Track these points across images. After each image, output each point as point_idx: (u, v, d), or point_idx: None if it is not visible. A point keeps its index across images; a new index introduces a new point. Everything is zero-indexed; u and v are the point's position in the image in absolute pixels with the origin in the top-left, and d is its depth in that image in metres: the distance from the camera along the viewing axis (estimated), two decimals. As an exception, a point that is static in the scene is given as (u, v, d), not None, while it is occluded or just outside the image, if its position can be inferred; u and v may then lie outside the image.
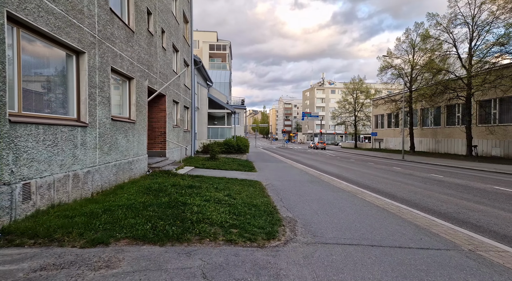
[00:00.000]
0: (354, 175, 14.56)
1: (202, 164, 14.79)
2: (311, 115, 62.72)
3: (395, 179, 13.19)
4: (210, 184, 8.79)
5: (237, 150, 21.02)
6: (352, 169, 17.87)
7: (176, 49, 15.82)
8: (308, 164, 20.86)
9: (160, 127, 13.38)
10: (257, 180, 11.16)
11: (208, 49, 47.57)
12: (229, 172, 13.20)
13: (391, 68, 34.44)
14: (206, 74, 25.94)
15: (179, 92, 16.34)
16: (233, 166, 15.46)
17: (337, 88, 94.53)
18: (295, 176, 12.96)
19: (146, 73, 10.48)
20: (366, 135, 79.29)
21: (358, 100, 54.47)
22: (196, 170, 12.81)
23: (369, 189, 10.50)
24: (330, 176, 13.28)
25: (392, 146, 42.65)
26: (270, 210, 6.25)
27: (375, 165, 20.55)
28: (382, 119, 46.33)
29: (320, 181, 11.50)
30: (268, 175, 13.01)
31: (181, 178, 9.63)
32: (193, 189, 7.44)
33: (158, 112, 13.35)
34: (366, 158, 29.45)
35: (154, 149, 13.36)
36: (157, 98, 13.27)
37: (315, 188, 9.85)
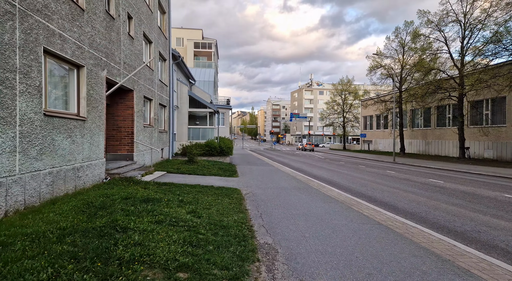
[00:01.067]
0: (346, 180, 13.23)
1: (176, 169, 13.16)
2: (299, 117, 61.68)
3: (392, 185, 11.91)
4: (175, 195, 7.22)
5: (219, 152, 19.45)
6: (343, 172, 16.58)
7: (149, 40, 14.16)
8: (295, 167, 19.47)
9: (127, 127, 11.70)
10: (236, 187, 9.65)
11: (193, 47, 45.74)
12: (206, 177, 11.64)
13: (380, 68, 33.57)
14: (188, 72, 24.28)
15: (153, 88, 14.68)
16: (212, 170, 13.91)
17: (325, 89, 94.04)
18: (280, 181, 11.52)
19: (104, 62, 8.82)
20: (355, 137, 78.99)
21: (346, 101, 53.70)
22: (167, 176, 11.18)
23: (365, 198, 9.13)
24: (319, 182, 11.89)
25: (381, 147, 41.90)
26: (243, 233, 4.75)
27: (367, 168, 19.35)
28: (371, 121, 45.59)
29: (309, 188, 10.09)
30: (250, 180, 11.52)
31: (143, 187, 8.03)
32: (149, 204, 5.85)
33: (125, 110, 11.68)
34: (356, 160, 28.36)
35: (120, 151, 11.67)
36: (123, 94, 11.60)
37: (303, 197, 8.42)
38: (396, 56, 32.30)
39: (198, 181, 10.51)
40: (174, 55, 19.03)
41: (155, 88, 15.04)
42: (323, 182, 12.37)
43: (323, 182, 12.32)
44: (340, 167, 20.39)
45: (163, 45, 16.95)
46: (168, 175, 11.63)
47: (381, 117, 42.01)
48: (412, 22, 30.03)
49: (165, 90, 17.43)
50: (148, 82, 13.74)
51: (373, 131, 44.60)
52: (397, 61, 32.43)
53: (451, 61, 25.88)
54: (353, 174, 15.89)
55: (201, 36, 48.69)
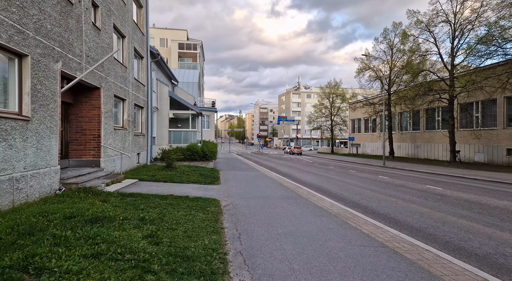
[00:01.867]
0: (337, 187, 12.21)
1: (151, 176, 11.84)
2: (287, 120, 60.94)
3: (388, 192, 10.95)
4: (138, 211, 5.98)
5: (202, 156, 18.18)
6: (334, 178, 15.60)
7: (121, 34, 12.86)
8: (283, 172, 18.40)
9: (93, 129, 10.34)
10: (215, 197, 8.45)
11: (177, 48, 44.27)
12: (182, 186, 10.37)
13: (369, 70, 33.08)
14: (169, 72, 22.96)
15: (127, 87, 13.34)
16: (192, 177, 12.65)
17: (313, 92, 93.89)
18: (266, 189, 10.38)
19: (58, 53, 7.51)
20: (342, 140, 78.91)
21: (334, 104, 53.29)
22: (138, 185, 9.87)
23: (361, 209, 8.10)
24: (309, 189, 10.82)
25: (369, 151, 41.43)
26: (213, 267, 3.57)
27: (357, 173, 18.46)
28: (359, 124, 45.16)
29: (298, 197, 8.99)
30: (232, 189, 10.33)
31: (102, 200, 6.75)
32: (96, 226, 4.60)
33: (90, 110, 10.32)
34: (346, 164, 27.55)
35: (85, 157, 10.29)
36: (89, 92, 10.26)
37: (291, 208, 7.30)
38: (384, 58, 31.87)
39: (172, 190, 9.25)
40: (153, 53, 17.73)
41: (129, 87, 13.71)
42: (313, 189, 11.31)
43: (312, 189, 11.25)
44: (330, 171, 19.45)
45: (140, 42, 15.65)
46: (140, 183, 10.31)
47: (369, 120, 41.60)
48: (400, 23, 29.66)
49: (142, 90, 16.09)
50: (120, 80, 12.42)
51: (361, 134, 44.16)
52: (385, 63, 32.01)
53: (441, 63, 25.50)
54: (344, 179, 14.92)
55: (186, 37, 47.32)
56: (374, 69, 32.76)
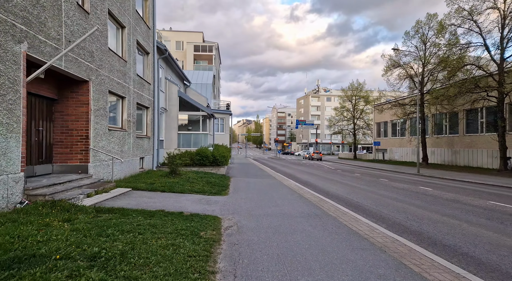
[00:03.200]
0: (371, 201, 10.08)
1: (150, 184, 10.22)
2: (305, 124, 58.49)
3: (441, 210, 8.66)
4: (99, 238, 4.27)
5: (212, 161, 16.48)
6: (364, 188, 13.41)
7: (120, 24, 11.44)
8: (302, 180, 16.37)
9: (80, 129, 8.84)
10: (217, 214, 6.65)
11: (192, 51, 43.33)
12: (182, 197, 8.63)
13: (398, 67, 30.34)
14: (180, 71, 21.59)
15: (126, 83, 11.89)
16: (197, 185, 10.94)
17: (333, 95, 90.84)
18: (283, 202, 8.46)
19: (21, 32, 6.01)
20: (365, 145, 75.42)
21: (357, 106, 50.47)
22: (128, 195, 8.21)
23: (414, 236, 6.02)
24: (336, 204, 8.79)
25: (397, 157, 38.32)
26: None
27: (391, 183, 16.10)
28: (386, 127, 42.13)
29: (323, 215, 7.02)
30: (241, 201, 8.49)
31: (67, 218, 5.17)
32: (2, 275, 2.88)
33: (77, 107, 8.84)
34: (373, 171, 25.04)
35: (71, 162, 8.79)
36: (75, 86, 8.79)
37: (317, 235, 5.36)
38: (416, 54, 29.08)
39: (166, 203, 7.52)
40: (160, 49, 16.34)
41: (129, 84, 12.25)
42: (341, 203, 9.26)
43: (341, 203, 9.21)
44: (357, 180, 17.19)
45: (144, 35, 14.25)
46: (131, 193, 8.66)
47: (397, 123, 38.57)
48: (435, 15, 26.89)
49: (146, 89, 14.66)
50: (117, 75, 10.95)
51: (388, 139, 41.14)
52: (417, 60, 29.21)
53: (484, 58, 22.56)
54: (377, 190, 12.70)
55: (201, 39, 46.40)
56: (404, 67, 30.00)
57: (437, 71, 28.09)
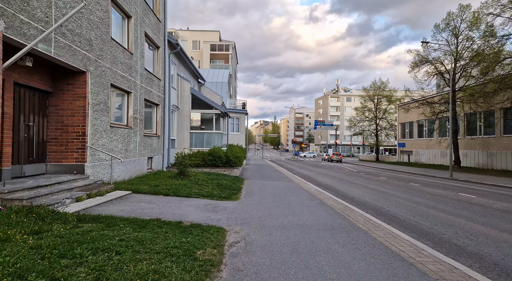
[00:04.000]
0: (405, 210, 8.67)
1: (154, 186, 9.29)
2: (324, 124, 56.62)
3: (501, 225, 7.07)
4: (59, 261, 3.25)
5: (224, 162, 15.46)
6: (393, 194, 11.95)
7: (126, 13, 10.63)
8: (323, 184, 15.03)
9: (76, 125, 8.02)
10: (222, 225, 5.56)
11: (209, 50, 42.74)
12: (185, 202, 7.60)
13: (426, 63, 28.21)
14: (194, 68, 20.77)
15: (132, 77, 11.07)
16: (205, 188, 9.92)
17: (353, 95, 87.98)
18: (302, 210, 7.25)
19: (-4, 9, 5.17)
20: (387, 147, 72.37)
21: (380, 106, 48.10)
22: (125, 200, 7.26)
23: (481, 262, 4.67)
24: (365, 213, 7.47)
25: (424, 159, 35.86)
26: None
27: (424, 188, 14.47)
28: (411, 128, 39.70)
29: (351, 228, 5.77)
30: (253, 208, 7.35)
31: (34, 231, 4.27)
32: None
33: (73, 100, 8.03)
34: (400, 174, 23.21)
35: (66, 161, 7.98)
36: (71, 77, 7.99)
37: (346, 257, 4.14)
38: (447, 48, 26.86)
39: (166, 210, 6.51)
40: (171, 43, 15.52)
41: (136, 78, 11.43)
42: (371, 212, 7.93)
43: (370, 212, 7.88)
44: (384, 184, 15.63)
45: (154, 28, 13.44)
46: (130, 197, 7.72)
47: (425, 123, 36.16)
48: (469, 6, 24.67)
49: (156, 85, 13.85)
50: (122, 68, 10.13)
51: (414, 140, 38.74)
52: (448, 54, 26.99)
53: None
54: (411, 197, 11.19)
55: (218, 38, 45.76)
56: (433, 62, 27.81)
57: (470, 66, 25.84)
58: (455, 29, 26.40)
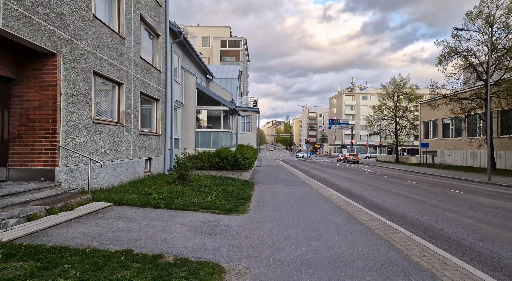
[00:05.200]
0: (468, 231, 6.71)
1: (145, 194, 7.67)
2: (339, 123, 54.20)
3: None
4: None
5: (233, 164, 13.75)
6: (436, 205, 9.94)
7: (115, -11, 9.06)
8: (344, 189, 13.12)
9: (45, 121, 6.47)
10: (219, 262, 3.80)
11: (219, 46, 41.22)
12: (178, 218, 5.89)
13: (456, 55, 25.66)
14: (201, 62, 19.18)
15: (124, 66, 9.50)
16: (208, 196, 8.23)
17: (369, 94, 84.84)
18: (327, 231, 5.43)
19: None
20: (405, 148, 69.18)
21: (399, 104, 45.36)
22: (100, 215, 5.62)
23: None
24: (415, 236, 5.58)
25: (450, 160, 33.10)
26: None
27: (469, 196, 12.33)
28: (435, 127, 36.94)
29: (407, 266, 3.93)
30: (264, 227, 5.57)
31: None
32: None
33: (40, 90, 6.48)
34: (430, 178, 20.92)
35: (32, 165, 6.45)
36: (38, 61, 6.45)
37: None
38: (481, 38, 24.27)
39: (148, 232, 4.82)
40: (174, 31, 13.95)
41: (129, 67, 9.86)
42: (421, 233, 6.02)
43: (420, 234, 5.97)
44: (418, 191, 13.56)
45: (153, 12, 11.88)
46: (108, 211, 6.08)
47: (451, 122, 33.42)
48: (506, -11, 22.21)
49: (156, 78, 12.29)
50: (109, 54, 8.56)
51: (438, 140, 36.00)
52: (482, 45, 24.41)
53: None
54: (460, 209, 9.15)
55: (229, 34, 44.19)
56: (464, 54, 25.23)
57: (506, 58, 23.23)
58: (489, 17, 23.85)
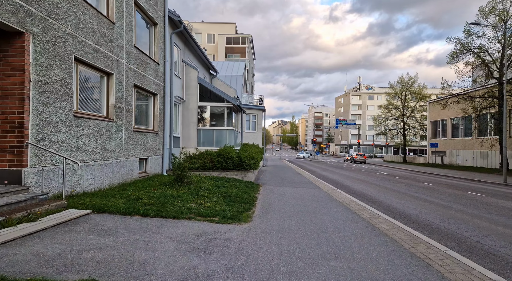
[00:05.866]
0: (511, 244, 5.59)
1: (134, 199, 6.67)
2: (346, 123, 52.83)
3: None
4: None
5: (237, 165, 12.72)
6: (459, 209, 8.81)
7: (103, -33, 8.07)
8: (357, 192, 12.01)
9: (10, 113, 5.49)
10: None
11: (224, 43, 40.21)
12: (167, 230, 4.85)
13: (468, 52, 24.35)
14: (204, 56, 18.18)
15: (114, 54, 8.51)
16: (208, 200, 7.21)
17: (375, 93, 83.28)
18: (347, 245, 4.35)
19: None
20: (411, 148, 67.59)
21: (407, 103, 43.97)
22: (70, 228, 4.60)
23: None
24: (454, 253, 4.46)
25: (460, 161, 31.79)
26: None
27: (492, 200, 11.13)
28: (444, 126, 35.58)
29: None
30: (271, 241, 4.51)
31: None
32: None
33: (5, 76, 5.51)
34: (445, 180, 19.68)
35: (-3, 165, 5.44)
36: (3, 42, 5.45)
37: None
38: (494, 34, 23.00)
39: (124, 250, 3.77)
40: (173, 20, 12.95)
41: (120, 56, 8.87)
42: (456, 248, 4.91)
43: (457, 249, 4.86)
44: (436, 194, 12.39)
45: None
46: (85, 221, 5.06)
47: (460, 121, 32.10)
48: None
49: (152, 69, 11.30)
50: (95, 39, 7.57)
51: (447, 140, 34.64)
52: (495, 41, 23.13)
53: None
54: (489, 215, 8.00)
55: (234, 31, 43.17)
56: (477, 51, 23.94)
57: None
58: (503, 13, 22.56)
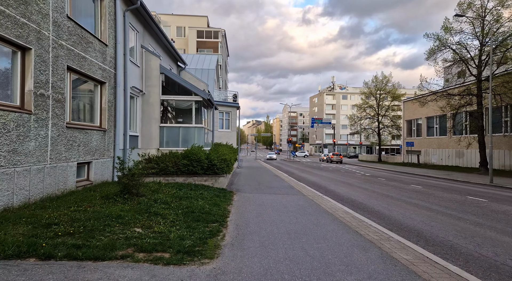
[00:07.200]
0: None
1: (44, 226, 4.54)
2: (322, 122, 52.35)
3: None
4: None
5: (206, 168, 10.73)
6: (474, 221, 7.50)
7: None
8: (346, 198, 10.47)
9: None
10: None
11: (195, 37, 37.80)
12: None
13: (446, 49, 24.01)
14: (168, 44, 15.94)
15: (34, 23, 6.28)
16: (161, 221, 5.23)
17: (349, 93, 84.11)
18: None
19: None
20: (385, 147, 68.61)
21: (382, 102, 43.99)
22: None
23: None
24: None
25: (435, 160, 31.83)
26: None
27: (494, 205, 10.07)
28: (418, 126, 35.68)
29: None
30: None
31: None
32: None
33: None
34: (426, 180, 18.91)
35: None
36: None
37: None
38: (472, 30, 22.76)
39: None
40: (127, -6, 10.70)
41: (44, 27, 6.62)
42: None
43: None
44: (434, 199, 11.15)
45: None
46: None
47: (435, 120, 32.14)
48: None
49: (97, 51, 9.03)
50: None
51: (422, 139, 34.69)
52: (474, 37, 22.90)
53: None
54: (506, 227, 6.70)
55: (206, 24, 40.84)
56: (454, 48, 23.63)
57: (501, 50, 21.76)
58: (481, 8, 22.37)
